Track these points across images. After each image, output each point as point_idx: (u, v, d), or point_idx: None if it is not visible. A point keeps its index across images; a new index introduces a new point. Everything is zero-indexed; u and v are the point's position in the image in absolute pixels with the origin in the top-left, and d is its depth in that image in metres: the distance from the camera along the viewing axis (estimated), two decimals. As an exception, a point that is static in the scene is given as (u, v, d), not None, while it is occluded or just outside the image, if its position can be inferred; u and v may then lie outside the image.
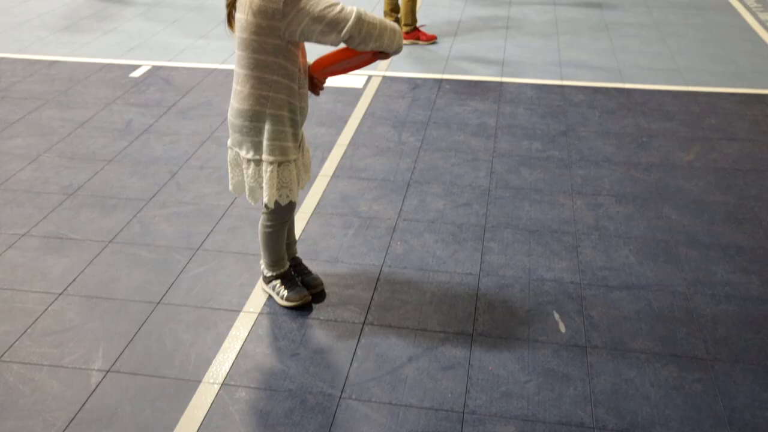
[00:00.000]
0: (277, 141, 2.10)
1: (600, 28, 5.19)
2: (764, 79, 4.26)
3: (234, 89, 2.11)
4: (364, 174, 3.27)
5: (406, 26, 4.89)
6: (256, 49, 1.98)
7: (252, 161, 2.15)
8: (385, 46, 1.99)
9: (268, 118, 2.07)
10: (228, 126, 2.19)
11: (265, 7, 1.90)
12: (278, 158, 2.12)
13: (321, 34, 1.91)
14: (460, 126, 3.74)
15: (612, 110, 3.90)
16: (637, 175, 3.26)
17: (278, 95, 2.05)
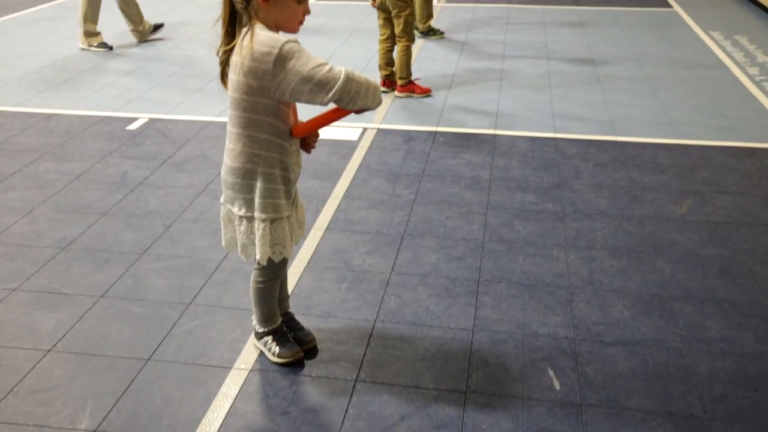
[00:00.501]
0: (269, 199, 2.11)
1: (592, 81, 5.27)
2: (755, 132, 4.31)
3: (227, 147, 2.12)
4: (358, 227, 3.28)
5: (401, 79, 4.96)
6: (248, 108, 2.00)
7: (244, 218, 2.16)
8: (369, 104, 2.02)
9: (260, 176, 2.08)
10: (221, 182, 2.20)
11: (255, 68, 1.93)
12: (270, 216, 2.13)
13: (310, 94, 1.93)
14: (454, 179, 3.76)
15: (605, 163, 3.93)
16: (630, 229, 3.26)
17: (270, 154, 2.07)
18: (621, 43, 6.27)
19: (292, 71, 1.91)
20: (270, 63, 1.91)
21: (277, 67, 1.91)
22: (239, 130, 2.06)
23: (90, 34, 6.00)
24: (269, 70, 1.92)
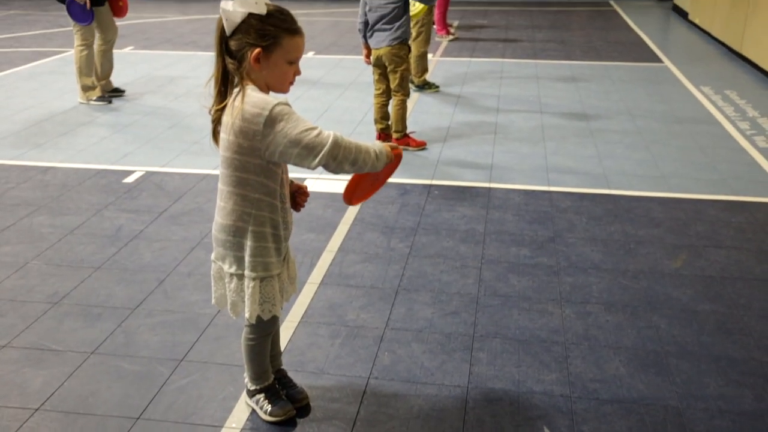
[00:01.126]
0: (259, 257, 2.11)
1: (585, 134, 5.33)
2: (747, 186, 4.34)
3: (218, 204, 2.13)
4: (353, 281, 3.26)
5: (396, 132, 5.00)
6: (239, 168, 2.02)
7: (234, 275, 2.15)
8: (364, 169, 2.04)
9: (250, 234, 2.09)
10: (213, 239, 2.19)
11: (246, 129, 1.95)
12: (260, 274, 2.12)
13: (298, 157, 1.96)
14: (448, 232, 3.76)
15: (599, 216, 3.95)
16: (625, 283, 3.26)
17: (260, 212, 2.08)
18: (613, 97, 6.36)
19: (281, 133, 1.93)
20: (260, 124, 1.93)
21: (267, 128, 1.93)
22: (230, 188, 2.07)
23: (87, 88, 6.08)
24: (259, 131, 1.94)
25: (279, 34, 1.98)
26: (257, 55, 1.96)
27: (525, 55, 8.17)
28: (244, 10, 1.93)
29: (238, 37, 1.96)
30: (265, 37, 1.96)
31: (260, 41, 1.96)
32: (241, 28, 1.95)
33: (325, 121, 5.68)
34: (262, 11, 1.94)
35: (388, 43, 4.80)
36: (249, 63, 1.97)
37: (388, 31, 4.79)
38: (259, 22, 1.95)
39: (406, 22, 4.85)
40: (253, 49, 1.96)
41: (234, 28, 1.96)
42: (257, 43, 1.96)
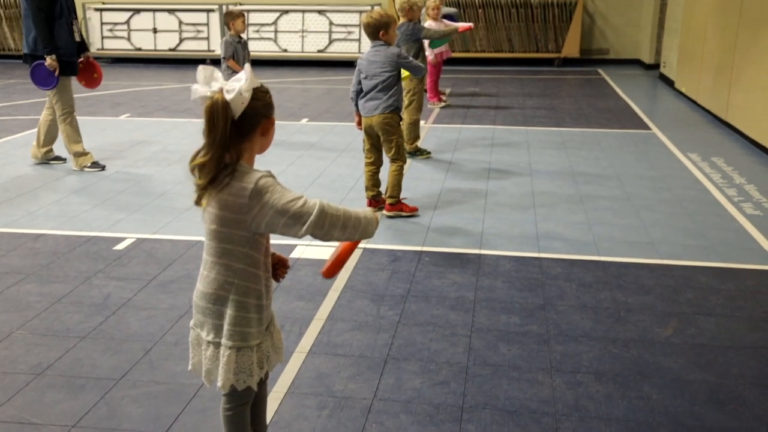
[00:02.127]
0: (238, 327, 2.09)
1: (575, 200, 5.37)
2: (736, 253, 4.36)
3: (201, 273, 2.13)
4: (341, 350, 3.23)
5: (391, 198, 5.03)
6: (224, 239, 2.03)
7: (211, 343, 2.13)
8: (351, 236, 2.05)
9: (231, 303, 2.08)
10: (193, 306, 2.17)
11: (232, 202, 1.97)
12: (237, 343, 2.10)
13: (285, 227, 1.97)
14: (438, 300, 3.75)
15: (589, 283, 3.95)
16: (616, 352, 3.23)
17: (243, 283, 2.08)
18: (602, 163, 6.44)
19: (267, 205, 1.95)
20: (246, 197, 1.95)
21: (252, 200, 1.95)
22: (214, 258, 2.07)
23: (79, 155, 6.13)
24: (245, 203, 1.96)
25: (271, 99, 2.04)
26: (267, 125, 2.00)
27: (516, 122, 8.31)
28: (251, 89, 1.95)
29: (247, 116, 1.96)
30: (270, 106, 2.03)
31: (269, 111, 2.02)
32: (252, 105, 1.96)
33: (317, 187, 5.72)
34: (259, 83, 1.98)
35: (380, 111, 4.88)
36: (256, 137, 2.01)
37: (380, 99, 4.88)
38: (262, 93, 2.00)
39: (398, 91, 4.95)
40: (264, 122, 2.00)
41: (243, 110, 1.95)
42: (269, 115, 2.01)
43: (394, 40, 5.00)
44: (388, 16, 4.91)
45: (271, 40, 13.45)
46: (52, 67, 5.77)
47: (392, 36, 4.95)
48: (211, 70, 1.98)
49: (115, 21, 13.70)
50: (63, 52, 5.86)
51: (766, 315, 3.56)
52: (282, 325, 3.44)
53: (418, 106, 6.68)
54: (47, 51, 5.75)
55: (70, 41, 5.93)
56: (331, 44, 13.32)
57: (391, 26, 4.90)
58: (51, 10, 5.78)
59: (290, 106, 9.33)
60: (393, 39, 4.98)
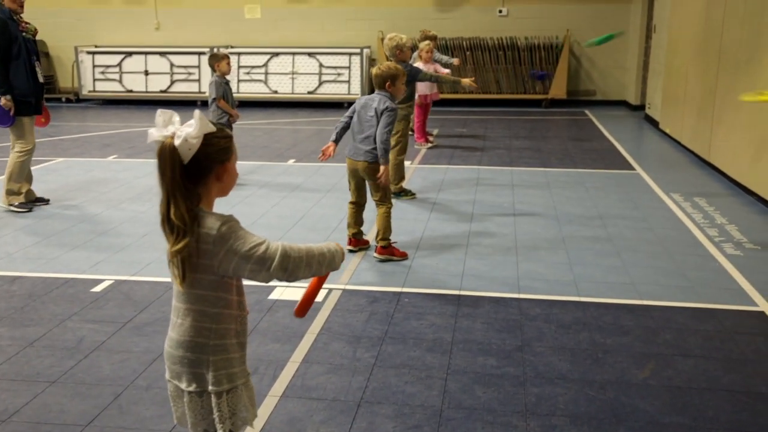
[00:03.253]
0: (222, 370, 2.07)
1: (557, 241, 5.38)
2: (715, 293, 4.35)
3: (173, 321, 2.10)
4: (315, 393, 3.20)
5: (383, 241, 4.99)
6: (194, 285, 2.01)
7: (194, 393, 2.08)
8: (318, 272, 2.07)
9: (210, 349, 2.05)
10: (165, 358, 2.13)
11: (195, 248, 1.96)
12: (225, 386, 2.07)
13: (251, 272, 1.98)
14: (416, 341, 3.73)
15: (568, 324, 3.93)
16: (592, 394, 3.20)
17: (221, 326, 2.06)
18: (586, 203, 6.47)
19: (231, 251, 1.95)
20: (210, 243, 1.94)
21: (217, 246, 1.94)
22: (187, 305, 2.04)
23: (11, 193, 6.18)
24: (210, 249, 1.95)
25: (229, 145, 2.04)
26: (222, 170, 2.00)
27: (502, 162, 8.36)
28: (201, 135, 1.95)
29: (198, 161, 1.96)
30: (225, 151, 2.01)
31: (224, 156, 2.01)
32: (202, 151, 1.95)
33: (300, 228, 5.72)
34: (213, 129, 1.98)
35: (366, 158, 4.88)
36: (211, 182, 2.00)
37: (368, 147, 4.88)
38: (217, 138, 1.99)
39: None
40: (219, 167, 2.00)
41: (194, 156, 1.95)
42: (223, 159, 2.00)
43: (400, 93, 4.99)
44: (396, 69, 4.91)
45: (262, 81, 13.59)
46: (6, 107, 5.87)
47: (399, 89, 4.94)
48: (170, 114, 1.98)
49: (107, 63, 13.84)
50: (19, 93, 5.94)
51: (742, 356, 3.54)
52: (256, 368, 3.41)
53: (403, 147, 6.72)
54: (1, 91, 5.83)
55: (28, 82, 6.00)
56: (321, 86, 13.47)
57: (398, 79, 4.90)
58: (8, 50, 5.88)
59: (278, 147, 9.38)
60: (399, 92, 4.97)
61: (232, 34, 14.13)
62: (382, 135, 4.82)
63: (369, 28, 13.80)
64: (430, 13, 13.63)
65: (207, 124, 1.95)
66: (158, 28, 14.30)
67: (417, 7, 13.61)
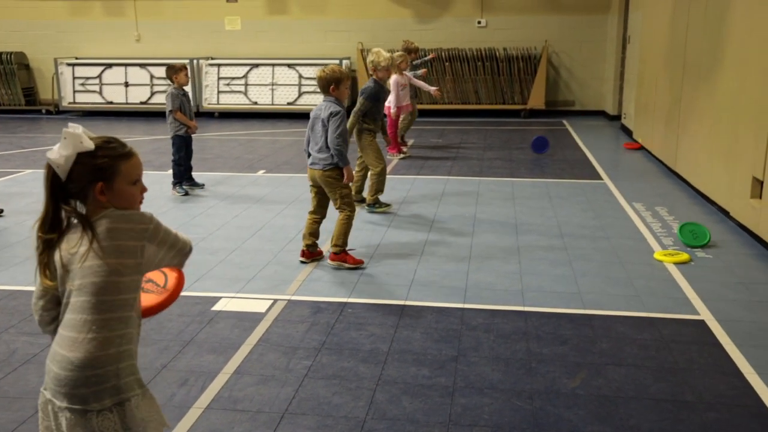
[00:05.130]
0: (132, 375, 2.04)
1: (512, 251, 5.38)
2: (658, 302, 4.36)
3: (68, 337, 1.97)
4: (240, 405, 3.18)
5: (335, 247, 5.01)
6: (108, 290, 1.97)
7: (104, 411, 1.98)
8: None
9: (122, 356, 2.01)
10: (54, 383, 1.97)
11: (124, 246, 1.99)
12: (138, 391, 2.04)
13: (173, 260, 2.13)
14: (351, 352, 3.72)
15: (507, 334, 3.92)
16: (518, 404, 3.20)
17: (129, 330, 2.03)
18: (547, 213, 6.48)
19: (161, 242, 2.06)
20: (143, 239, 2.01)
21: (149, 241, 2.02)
22: (94, 316, 1.96)
23: None
24: (141, 245, 2.00)
25: (115, 163, 2.03)
26: (101, 189, 2.00)
27: (471, 172, 8.38)
28: (71, 152, 1.96)
29: (75, 178, 1.98)
30: (102, 171, 2.01)
31: (99, 175, 2.00)
32: (75, 169, 1.97)
33: (256, 239, 5.72)
34: (90, 147, 1.99)
35: (321, 167, 4.91)
36: (95, 198, 2.01)
37: (322, 154, 4.90)
38: (91, 158, 1.99)
39: None
40: (94, 185, 2.00)
41: (68, 173, 1.97)
42: (97, 179, 2.00)
43: (343, 96, 4.99)
44: (340, 72, 4.93)
45: (242, 93, 13.61)
46: None
47: (343, 92, 4.95)
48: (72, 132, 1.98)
49: (87, 75, 13.86)
50: None
51: (674, 365, 3.54)
52: (186, 380, 3.40)
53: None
54: None
55: None
56: (301, 97, 13.49)
57: (342, 82, 4.91)
58: None
59: (250, 158, 9.39)
60: (344, 96, 4.98)
61: (212, 46, 14.17)
62: (333, 141, 4.84)
63: (349, 39, 13.85)
64: (410, 24, 13.69)
65: (74, 143, 1.96)
66: (139, 40, 14.34)
67: (397, 18, 13.67)
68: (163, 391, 3.28)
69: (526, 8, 13.34)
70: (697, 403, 3.19)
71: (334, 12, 13.84)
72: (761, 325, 4.02)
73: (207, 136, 11.55)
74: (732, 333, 3.90)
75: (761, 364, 3.53)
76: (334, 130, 4.84)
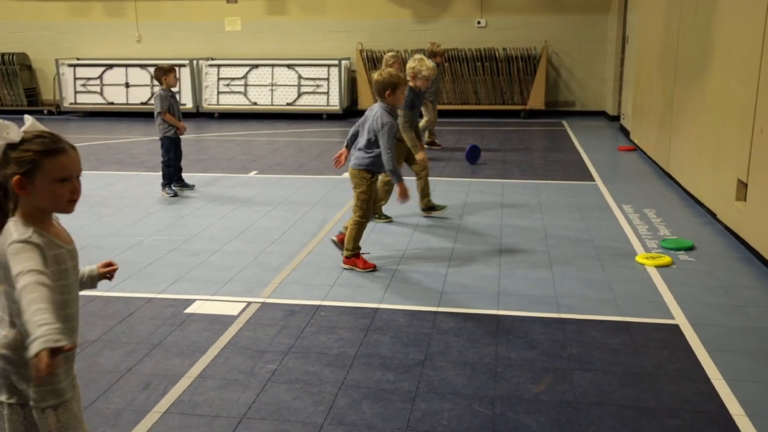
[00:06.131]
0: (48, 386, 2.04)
1: (493, 254, 5.35)
2: (635, 306, 4.31)
3: None
4: (199, 410, 3.17)
5: (346, 250, 5.00)
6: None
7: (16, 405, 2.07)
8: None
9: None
10: None
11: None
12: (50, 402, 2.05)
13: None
14: (318, 356, 3.70)
15: (477, 338, 3.89)
16: (479, 410, 3.17)
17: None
18: (534, 215, 6.43)
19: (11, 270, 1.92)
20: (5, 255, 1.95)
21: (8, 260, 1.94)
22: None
23: None
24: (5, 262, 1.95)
25: (37, 158, 2.01)
26: (17, 182, 1.99)
27: (463, 173, 8.34)
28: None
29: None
30: (22, 164, 1.99)
31: (18, 169, 1.99)
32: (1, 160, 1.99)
33: (239, 241, 5.71)
34: (14, 139, 1.98)
35: (353, 165, 4.96)
36: (14, 192, 2.01)
37: (359, 154, 4.93)
38: (15, 150, 1.99)
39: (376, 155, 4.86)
40: (11, 178, 1.99)
41: None
42: (16, 171, 1.99)
43: (399, 102, 4.91)
44: (398, 77, 4.83)
45: (241, 93, 13.64)
46: None
47: (399, 98, 4.85)
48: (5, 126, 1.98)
49: (88, 76, 13.93)
50: None
51: (642, 371, 3.50)
52: (148, 384, 3.39)
53: None
54: None
55: None
56: (300, 97, 13.50)
57: (399, 88, 4.81)
58: None
59: (244, 159, 9.39)
60: (399, 101, 4.89)
61: (212, 47, 14.21)
62: (386, 160, 4.79)
63: (348, 39, 13.84)
64: (409, 24, 13.67)
65: (4, 134, 1.95)
66: (139, 41, 14.40)
67: (396, 19, 13.65)
68: (124, 396, 3.28)
69: (526, 8, 13.29)
70: (660, 410, 3.15)
71: (333, 12, 13.84)
72: (735, 330, 3.97)
73: (206, 136, 11.59)
74: (705, 338, 3.85)
75: (730, 370, 3.49)
76: (385, 145, 4.77)
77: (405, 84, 4.93)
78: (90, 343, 3.84)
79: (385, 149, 4.79)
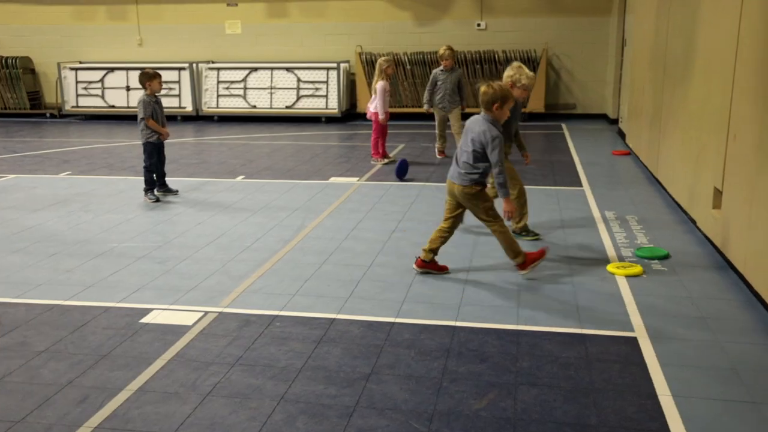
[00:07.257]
0: None
1: (464, 261, 5.27)
2: (595, 318, 4.21)
3: None
4: (131, 425, 3.14)
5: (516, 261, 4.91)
6: None
7: None
8: None
9: None
10: None
11: None
12: None
13: None
14: (264, 368, 3.65)
15: (429, 351, 3.82)
16: (415, 426, 3.10)
17: None
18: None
19: None
20: None
21: None
22: None
23: None
24: None
25: None
26: None
27: (450, 178, 8.24)
28: None
29: None
30: None
31: None
32: None
33: (212, 248, 5.68)
34: None
35: (459, 182, 4.84)
36: None
37: (463, 170, 4.81)
38: None
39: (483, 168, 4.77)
40: None
41: None
42: None
43: (505, 116, 4.80)
44: (508, 91, 4.73)
45: (241, 96, 13.65)
46: None
47: (505, 112, 4.76)
48: None
49: (90, 79, 14.02)
50: None
51: (589, 386, 3.41)
52: (86, 397, 3.36)
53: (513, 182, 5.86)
54: None
55: None
56: (299, 100, 13.49)
57: (507, 102, 4.72)
58: None
59: (234, 163, 9.38)
60: (504, 115, 4.79)
61: (213, 50, 14.24)
62: (496, 173, 4.71)
63: (348, 42, 13.81)
64: (409, 27, 13.60)
65: None
66: (141, 44, 14.46)
67: (396, 21, 13.60)
68: (59, 410, 3.25)
69: (526, 10, 13.18)
70: (600, 427, 3.06)
71: (333, 15, 13.82)
72: (693, 343, 3.86)
73: (204, 140, 11.60)
74: (661, 352, 3.76)
75: (679, 386, 3.39)
76: (497, 159, 4.68)
77: (512, 99, 4.80)
78: (36, 354, 3.82)
79: (495, 163, 4.69)
